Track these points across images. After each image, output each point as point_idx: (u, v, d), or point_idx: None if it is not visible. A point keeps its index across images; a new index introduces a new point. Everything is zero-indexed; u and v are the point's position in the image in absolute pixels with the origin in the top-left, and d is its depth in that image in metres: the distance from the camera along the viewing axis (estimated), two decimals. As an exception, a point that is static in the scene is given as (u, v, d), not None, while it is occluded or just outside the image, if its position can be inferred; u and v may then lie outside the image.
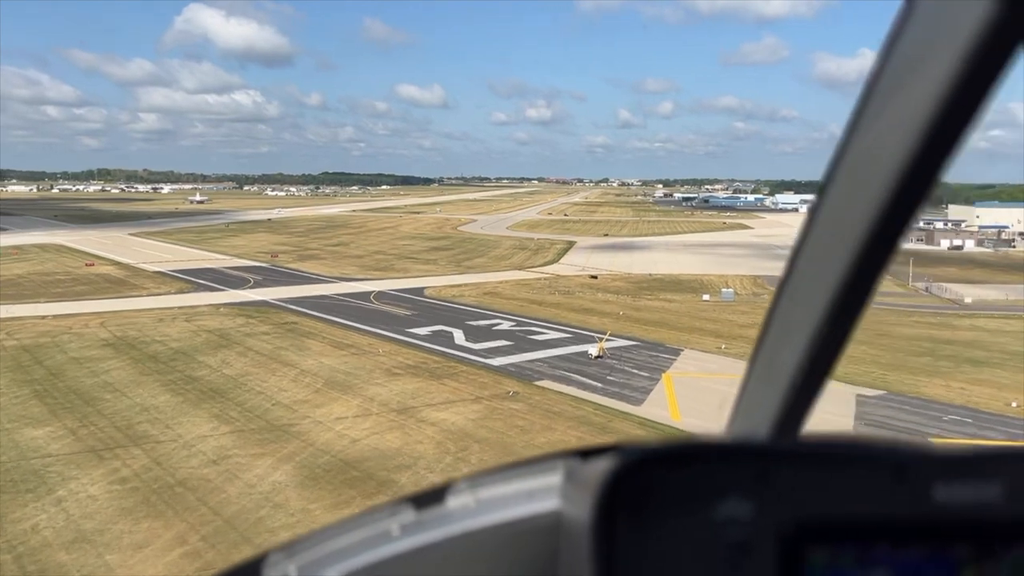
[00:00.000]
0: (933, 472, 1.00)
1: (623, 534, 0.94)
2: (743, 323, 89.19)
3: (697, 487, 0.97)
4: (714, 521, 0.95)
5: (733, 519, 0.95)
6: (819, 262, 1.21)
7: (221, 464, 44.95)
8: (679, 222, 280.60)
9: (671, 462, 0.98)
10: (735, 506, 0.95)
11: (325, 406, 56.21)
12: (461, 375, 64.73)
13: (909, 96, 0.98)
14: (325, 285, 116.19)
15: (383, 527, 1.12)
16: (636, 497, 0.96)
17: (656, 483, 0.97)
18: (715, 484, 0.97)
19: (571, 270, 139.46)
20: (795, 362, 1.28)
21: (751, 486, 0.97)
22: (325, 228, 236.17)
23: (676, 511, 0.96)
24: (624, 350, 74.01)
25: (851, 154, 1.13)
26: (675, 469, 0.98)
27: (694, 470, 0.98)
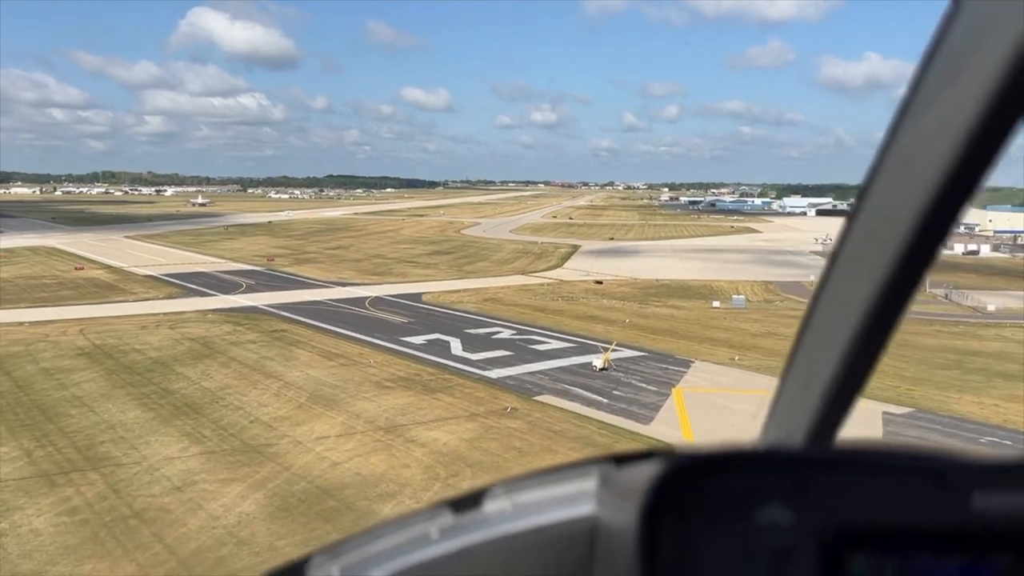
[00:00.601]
0: (973, 480, 0.99)
1: (667, 540, 0.96)
2: (756, 332, 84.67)
3: (739, 493, 0.98)
4: (756, 527, 0.96)
5: (775, 525, 0.96)
6: (857, 268, 1.21)
7: (185, 491, 40.60)
8: (685, 226, 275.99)
9: (713, 468, 0.99)
10: (776, 512, 0.96)
11: (307, 423, 51.86)
12: (456, 389, 60.32)
13: (954, 98, 0.97)
14: (320, 290, 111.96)
15: (423, 530, 1.14)
16: (680, 503, 0.97)
17: (699, 489, 0.98)
18: (757, 490, 0.98)
19: (575, 275, 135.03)
20: (831, 369, 1.28)
21: (792, 493, 0.97)
22: (325, 231, 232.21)
23: (718, 517, 0.97)
24: (631, 361, 69.53)
25: (892, 157, 1.12)
26: (717, 475, 0.99)
27: (736, 476, 0.99)
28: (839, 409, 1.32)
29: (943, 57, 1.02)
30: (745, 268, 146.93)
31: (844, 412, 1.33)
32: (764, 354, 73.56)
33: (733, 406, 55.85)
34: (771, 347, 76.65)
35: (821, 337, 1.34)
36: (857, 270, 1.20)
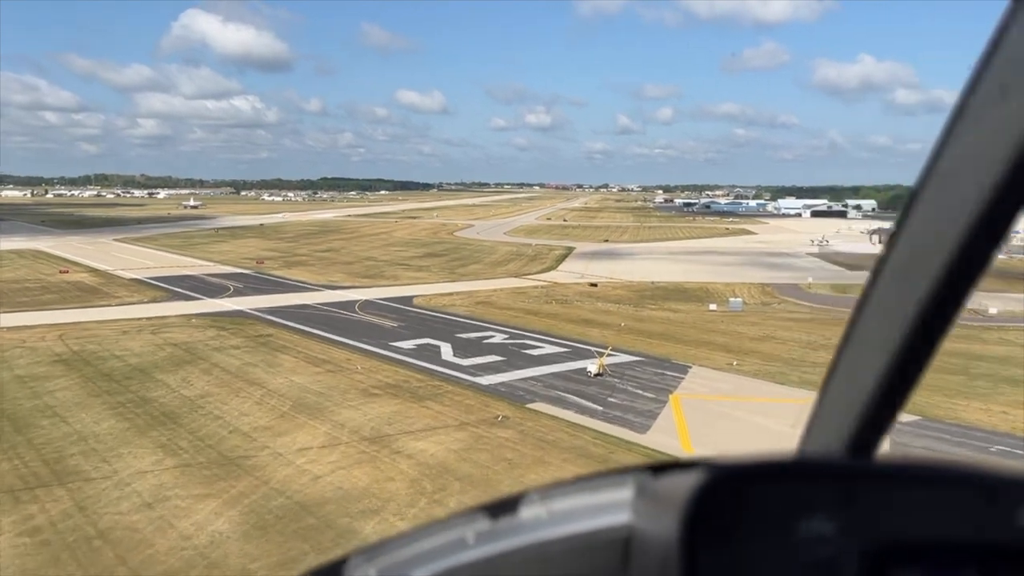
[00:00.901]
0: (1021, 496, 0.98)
1: (708, 551, 0.94)
2: (754, 336, 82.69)
3: (782, 504, 0.96)
4: (799, 539, 0.94)
5: (818, 538, 0.94)
6: (904, 279, 1.19)
7: (156, 508, 38.33)
8: (680, 227, 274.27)
9: (756, 479, 0.98)
10: (819, 524, 0.94)
11: (288, 434, 49.61)
12: (446, 396, 58.13)
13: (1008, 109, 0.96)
14: (309, 293, 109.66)
15: (459, 534, 1.14)
16: (722, 514, 0.96)
17: (741, 500, 0.97)
18: (799, 502, 0.96)
19: (570, 277, 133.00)
20: (874, 381, 1.26)
21: (837, 505, 0.96)
22: (317, 233, 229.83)
23: (760, 528, 0.95)
24: (627, 367, 67.44)
25: (943, 167, 1.10)
26: (760, 486, 0.98)
27: (779, 487, 0.97)
28: (882, 422, 1.30)
29: (997, 67, 1.00)
30: (741, 270, 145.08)
31: (887, 425, 1.30)
32: (763, 359, 71.60)
33: (733, 414, 53.82)
34: (770, 351, 74.72)
35: (865, 348, 1.31)
36: (904, 281, 1.18)
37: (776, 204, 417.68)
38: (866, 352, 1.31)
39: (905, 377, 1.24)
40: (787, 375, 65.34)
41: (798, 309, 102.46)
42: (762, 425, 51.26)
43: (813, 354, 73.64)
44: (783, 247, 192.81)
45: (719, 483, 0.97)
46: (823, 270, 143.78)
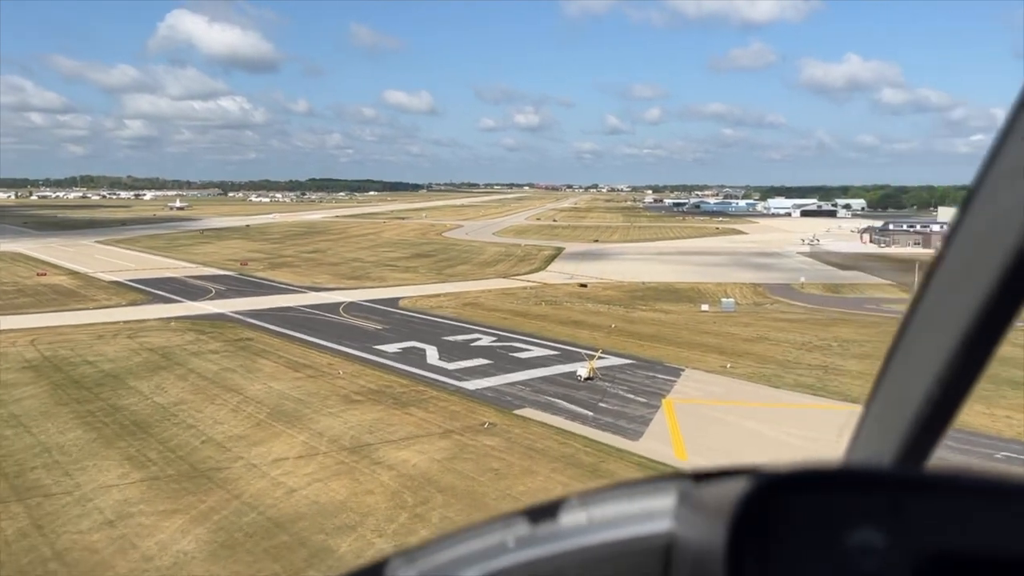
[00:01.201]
0: None
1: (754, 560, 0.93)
2: (747, 337, 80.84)
3: (830, 514, 0.94)
4: (847, 550, 0.92)
5: (867, 548, 0.91)
6: (959, 282, 1.15)
7: (118, 526, 36.02)
8: (670, 228, 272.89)
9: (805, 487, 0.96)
10: (869, 535, 0.92)
11: (264, 444, 47.34)
12: (430, 402, 55.95)
13: None
14: (293, 296, 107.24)
15: (499, 538, 1.14)
16: (768, 522, 0.94)
17: (789, 508, 0.95)
18: (848, 511, 0.93)
19: (559, 278, 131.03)
20: (925, 389, 1.24)
21: (886, 515, 0.93)
22: (304, 234, 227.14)
23: (807, 538, 0.93)
24: (618, 370, 65.43)
25: (1001, 169, 1.08)
26: (808, 494, 0.95)
27: (828, 496, 0.95)
28: (933, 432, 1.27)
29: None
30: (732, 270, 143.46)
31: (938, 435, 1.28)
32: (757, 361, 69.75)
33: (727, 419, 51.88)
34: (763, 353, 72.89)
35: (916, 355, 1.27)
36: (957, 286, 1.15)
37: (766, 204, 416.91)
38: (917, 359, 1.26)
39: (958, 386, 1.21)
40: (782, 378, 63.49)
41: (791, 309, 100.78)
42: (758, 431, 49.34)
43: (808, 356, 71.87)
44: (774, 247, 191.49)
45: (766, 491, 0.95)
46: (815, 270, 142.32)
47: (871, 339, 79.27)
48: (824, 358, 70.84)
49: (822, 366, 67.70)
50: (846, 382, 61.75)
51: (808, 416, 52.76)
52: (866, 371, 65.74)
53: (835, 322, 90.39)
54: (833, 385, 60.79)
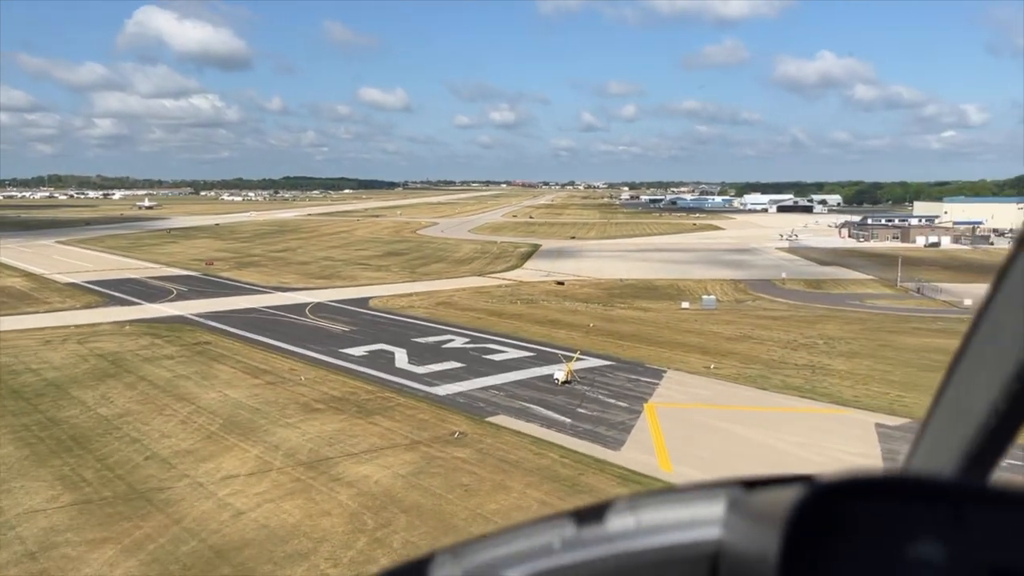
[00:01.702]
0: None
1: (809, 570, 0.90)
2: (730, 335, 77.93)
3: (889, 524, 0.91)
4: (905, 562, 0.89)
5: (926, 562, 0.88)
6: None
7: (40, 559, 32.04)
8: (648, 224, 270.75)
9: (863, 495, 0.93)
10: (928, 547, 0.89)
11: (214, 459, 43.44)
12: (397, 410, 52.27)
13: None
14: (258, 296, 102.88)
15: (545, 539, 1.13)
16: (823, 531, 0.91)
17: (847, 517, 0.92)
18: (908, 522, 0.90)
19: (535, 275, 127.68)
20: (990, 400, 1.19)
21: (948, 528, 0.90)
22: (274, 233, 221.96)
23: (865, 548, 0.90)
24: (597, 372, 62.12)
25: None
26: (868, 503, 0.92)
27: (887, 505, 0.92)
28: (997, 444, 1.22)
29: None
30: (711, 267, 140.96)
31: (1003, 448, 1.23)
32: (742, 361, 66.77)
33: (714, 424, 48.73)
34: (748, 352, 69.97)
35: (980, 365, 1.23)
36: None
37: (742, 200, 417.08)
38: (983, 369, 1.21)
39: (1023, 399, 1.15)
40: (769, 379, 60.53)
41: (774, 306, 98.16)
42: (747, 437, 46.23)
43: (793, 355, 69.05)
44: (752, 242, 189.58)
45: (822, 499, 0.91)
46: (795, 265, 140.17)
47: (857, 336, 76.77)
48: (811, 357, 68.03)
49: (809, 366, 64.85)
50: (835, 383, 58.92)
51: (798, 421, 49.76)
52: (855, 370, 63.03)
53: (820, 319, 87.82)
54: (822, 386, 57.89)
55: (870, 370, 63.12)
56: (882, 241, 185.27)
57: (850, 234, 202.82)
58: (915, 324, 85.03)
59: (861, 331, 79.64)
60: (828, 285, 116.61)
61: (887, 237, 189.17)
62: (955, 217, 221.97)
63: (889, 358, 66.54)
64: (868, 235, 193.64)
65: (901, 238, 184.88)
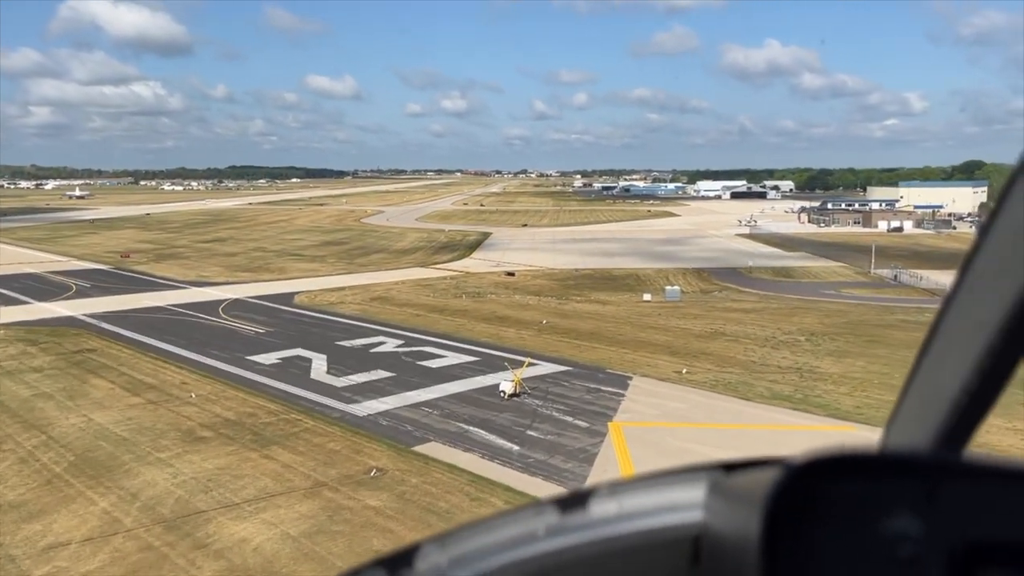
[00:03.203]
0: None
1: (787, 549, 0.91)
2: (700, 332, 69.04)
3: (866, 500, 0.92)
4: (882, 537, 0.91)
5: (902, 535, 0.90)
6: (997, 272, 1.15)
7: None
8: (601, 211, 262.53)
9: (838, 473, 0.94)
10: (905, 522, 0.91)
11: (45, 516, 32.70)
12: (303, 437, 41.99)
13: None
14: (170, 292, 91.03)
15: (530, 527, 1.15)
16: (803, 510, 0.93)
17: (823, 496, 0.93)
18: (885, 498, 0.92)
19: (484, 266, 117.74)
20: (961, 379, 1.22)
21: (923, 502, 0.92)
22: (207, 223, 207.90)
23: (842, 525, 0.92)
24: (551, 381, 52.56)
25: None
26: (843, 480, 0.94)
27: (863, 482, 0.93)
28: (970, 420, 1.24)
29: None
30: (670, 254, 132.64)
31: (975, 424, 1.25)
32: (717, 363, 57.87)
33: (695, 449, 39.34)
34: (723, 353, 61.10)
35: (953, 343, 1.26)
36: (996, 275, 1.14)
37: (695, 187, 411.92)
38: (955, 347, 1.24)
39: (996, 375, 1.17)
40: (752, 385, 51.66)
41: (744, 297, 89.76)
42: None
43: (775, 355, 60.38)
44: (710, 228, 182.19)
45: (801, 478, 0.93)
46: (759, 252, 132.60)
47: (841, 331, 68.50)
48: (795, 357, 59.42)
49: (795, 368, 56.19)
50: (829, 390, 50.27)
51: (795, 442, 40.65)
52: (848, 373, 54.55)
53: (795, 311, 79.56)
54: (815, 395, 49.18)
55: (865, 372, 54.71)
56: (843, 226, 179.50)
57: (810, 219, 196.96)
58: (900, 316, 77.29)
59: (844, 325, 71.50)
60: (797, 273, 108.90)
61: (848, 222, 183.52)
62: (912, 201, 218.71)
63: (883, 357, 58.21)
64: (829, 220, 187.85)
65: (863, 223, 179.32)
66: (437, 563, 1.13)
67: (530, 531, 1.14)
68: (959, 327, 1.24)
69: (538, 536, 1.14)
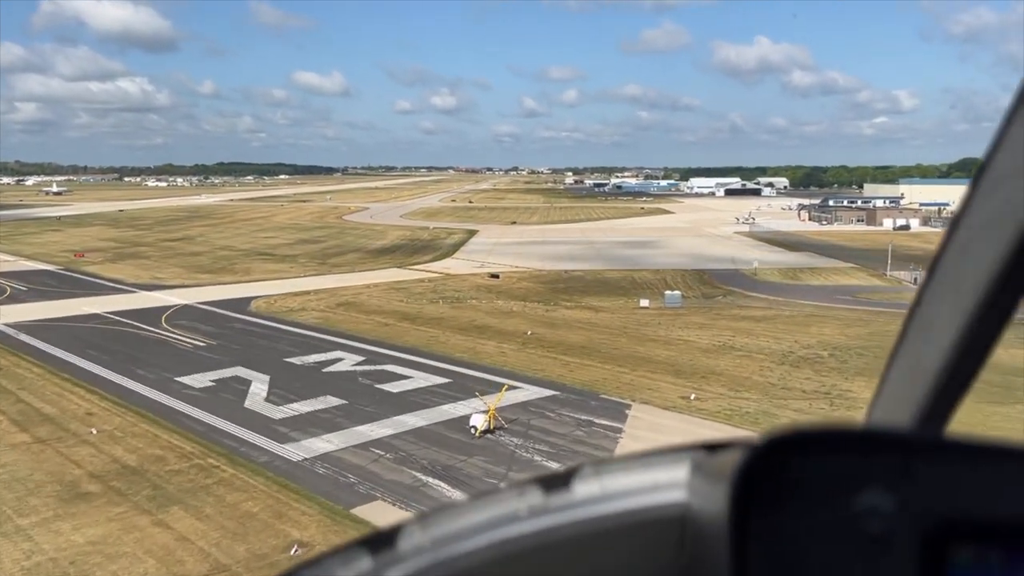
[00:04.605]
0: None
1: (759, 525, 0.92)
2: (708, 345, 60.31)
3: (838, 476, 0.93)
4: (854, 512, 0.91)
5: (874, 511, 0.91)
6: (970, 255, 1.17)
7: None
8: (593, 208, 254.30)
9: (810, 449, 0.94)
10: (877, 498, 0.91)
11: None
12: (215, 491, 33.03)
13: None
14: (113, 297, 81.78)
15: (512, 507, 1.14)
16: (773, 485, 0.93)
17: (795, 471, 0.94)
18: (857, 474, 0.92)
19: (467, 266, 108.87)
20: (940, 359, 1.25)
21: (895, 478, 0.92)
22: (181, 220, 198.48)
23: (814, 501, 0.93)
24: (535, 410, 43.75)
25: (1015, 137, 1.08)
26: (814, 457, 0.94)
27: (835, 458, 0.94)
28: (949, 399, 1.27)
29: None
30: (668, 255, 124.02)
31: (954, 403, 1.28)
32: (729, 386, 49.20)
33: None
34: (735, 372, 52.45)
35: (931, 324, 1.28)
36: (970, 257, 1.16)
37: (688, 184, 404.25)
38: (933, 328, 1.27)
39: (973, 355, 1.20)
40: (774, 416, 42.93)
41: (751, 303, 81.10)
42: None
43: (796, 374, 51.72)
44: (707, 226, 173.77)
45: (769, 454, 0.93)
46: (761, 251, 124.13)
47: (867, 344, 59.72)
48: (820, 377, 50.78)
49: (822, 393, 47.55)
50: (870, 422, 41.57)
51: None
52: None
53: (811, 319, 70.90)
54: (855, 429, 40.47)
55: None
56: (846, 224, 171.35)
57: (811, 217, 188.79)
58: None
59: (869, 336, 62.85)
60: (806, 275, 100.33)
61: (851, 220, 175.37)
62: (913, 199, 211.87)
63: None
64: (831, 218, 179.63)
65: (867, 220, 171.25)
66: (419, 543, 1.11)
67: (512, 511, 1.13)
68: (937, 307, 1.25)
69: (520, 516, 1.13)
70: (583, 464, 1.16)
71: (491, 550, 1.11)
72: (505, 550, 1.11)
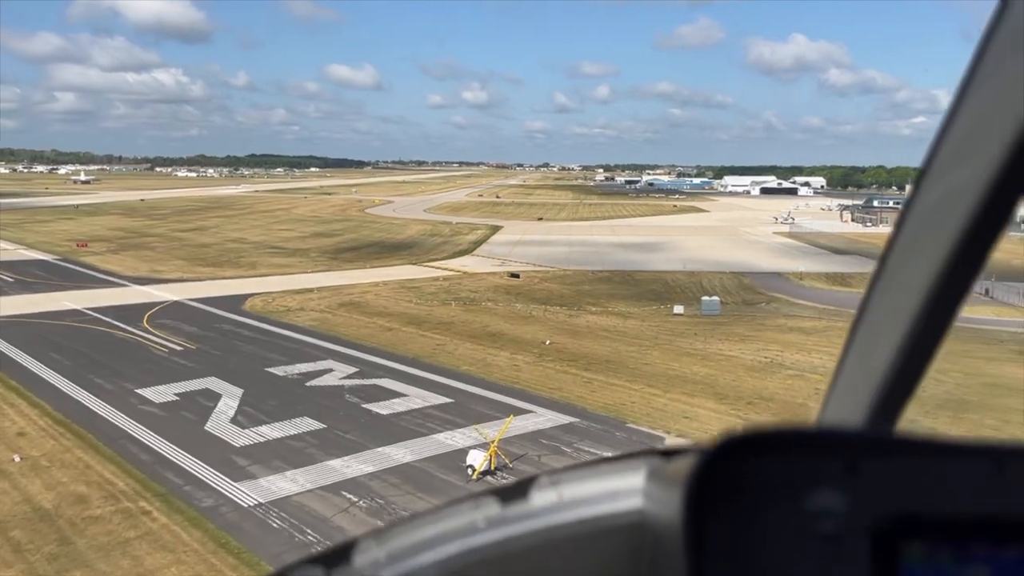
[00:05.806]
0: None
1: (714, 528, 0.92)
2: (752, 362, 52.46)
3: (788, 477, 0.93)
4: (806, 512, 0.92)
5: (825, 511, 0.91)
6: (915, 255, 1.18)
7: None
8: (624, 205, 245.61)
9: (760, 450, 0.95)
10: (828, 497, 0.92)
11: None
12: (131, 552, 26.12)
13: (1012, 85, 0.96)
14: (101, 291, 75.75)
15: (469, 519, 1.13)
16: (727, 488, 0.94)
17: (746, 473, 0.94)
18: (807, 474, 0.93)
19: (487, 264, 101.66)
20: (890, 356, 1.25)
21: (845, 477, 0.93)
22: (199, 210, 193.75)
23: (767, 502, 0.93)
24: (547, 443, 36.40)
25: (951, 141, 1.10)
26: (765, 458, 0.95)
27: (785, 459, 0.94)
28: (898, 397, 1.28)
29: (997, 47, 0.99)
30: (702, 256, 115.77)
31: (904, 398, 1.28)
32: (781, 414, 41.43)
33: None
34: (787, 397, 44.67)
35: (879, 323, 1.30)
36: (914, 257, 1.18)
37: (722, 182, 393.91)
38: (880, 327, 1.28)
39: (919, 353, 1.22)
40: (840, 457, 35.12)
41: (798, 312, 72.85)
42: None
43: (860, 402, 43.70)
44: (744, 226, 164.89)
45: (720, 456, 0.94)
46: (803, 254, 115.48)
47: (941, 367, 51.41)
48: (889, 407, 42.73)
49: (896, 427, 39.56)
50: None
51: None
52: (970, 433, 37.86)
53: (869, 334, 62.60)
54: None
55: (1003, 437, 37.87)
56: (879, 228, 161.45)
57: (853, 218, 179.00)
58: (1013, 346, 60.26)
59: (941, 358, 54.40)
60: (856, 282, 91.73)
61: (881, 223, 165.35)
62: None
63: (1019, 411, 41.56)
64: (876, 219, 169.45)
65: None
66: (375, 558, 1.10)
67: (470, 523, 1.12)
68: (884, 307, 1.26)
69: (479, 528, 1.12)
70: (540, 473, 1.16)
71: (449, 562, 1.09)
72: (464, 562, 1.10)
